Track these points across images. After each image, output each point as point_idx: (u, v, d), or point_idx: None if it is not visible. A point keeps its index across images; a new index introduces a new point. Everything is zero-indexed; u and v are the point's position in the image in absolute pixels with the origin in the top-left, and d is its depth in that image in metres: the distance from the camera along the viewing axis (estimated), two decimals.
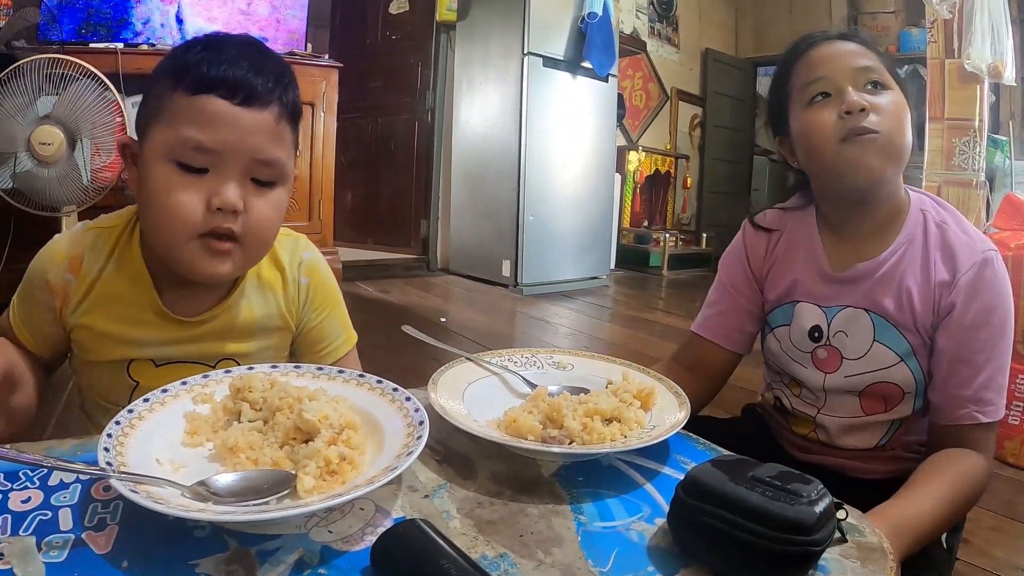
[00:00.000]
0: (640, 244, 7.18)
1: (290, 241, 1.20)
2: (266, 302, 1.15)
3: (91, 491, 0.71)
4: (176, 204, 0.95)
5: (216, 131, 0.94)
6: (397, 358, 2.78)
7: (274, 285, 1.16)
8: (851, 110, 1.10)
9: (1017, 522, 1.96)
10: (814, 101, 1.16)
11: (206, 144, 0.94)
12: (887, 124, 1.10)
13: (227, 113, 0.94)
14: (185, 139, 0.93)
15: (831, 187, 1.21)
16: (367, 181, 6.46)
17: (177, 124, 0.94)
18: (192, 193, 0.95)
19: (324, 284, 1.23)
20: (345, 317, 1.28)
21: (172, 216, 0.95)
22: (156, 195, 0.96)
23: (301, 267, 1.19)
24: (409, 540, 0.59)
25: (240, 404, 0.83)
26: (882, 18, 7.13)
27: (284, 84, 1.01)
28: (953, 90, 3.98)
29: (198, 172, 0.95)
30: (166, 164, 0.95)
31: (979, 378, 1.10)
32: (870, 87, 1.12)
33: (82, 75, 2.99)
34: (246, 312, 1.13)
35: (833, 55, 1.15)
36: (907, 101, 1.14)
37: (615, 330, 4.42)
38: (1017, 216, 2.69)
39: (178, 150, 0.94)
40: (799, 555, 0.61)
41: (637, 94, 7.61)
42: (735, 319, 1.35)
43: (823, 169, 1.18)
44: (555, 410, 0.87)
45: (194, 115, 0.94)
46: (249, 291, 1.14)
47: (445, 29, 5.88)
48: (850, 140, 1.11)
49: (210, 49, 0.98)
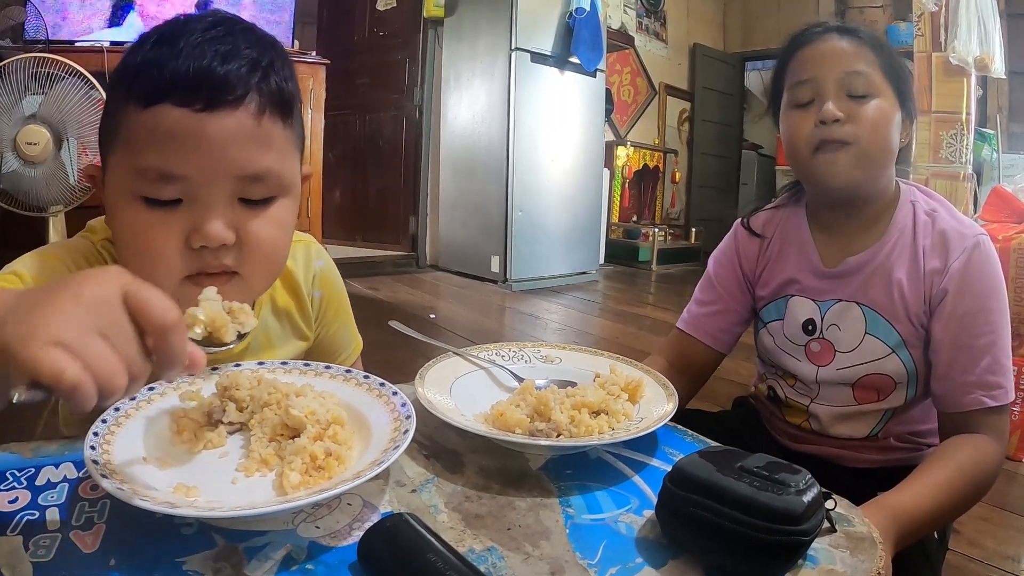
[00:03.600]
0: (629, 239, 7.19)
1: (301, 250, 1.08)
2: (283, 329, 1.08)
3: (78, 490, 0.70)
4: (149, 249, 0.80)
5: (179, 152, 0.77)
6: (386, 354, 2.77)
7: (290, 308, 1.08)
8: (825, 120, 1.11)
9: (1007, 512, 1.98)
10: (799, 103, 1.17)
11: (170, 171, 0.77)
12: (864, 134, 1.11)
13: (189, 126, 0.76)
14: (144, 169, 0.77)
15: (811, 189, 1.24)
16: (355, 178, 6.45)
17: (133, 150, 0.78)
18: (166, 232, 0.79)
19: (336, 295, 1.14)
20: (353, 326, 1.21)
21: (147, 263, 0.80)
22: (125, 238, 0.82)
23: (315, 281, 1.10)
24: (396, 534, 0.59)
25: (226, 403, 0.83)
26: (870, 12, 7.14)
27: (262, 68, 0.81)
28: (940, 83, 4.00)
29: (170, 204, 0.79)
30: (130, 201, 0.79)
31: (982, 362, 1.10)
32: (856, 93, 1.12)
33: (68, 74, 2.98)
34: (271, 329, 1.05)
35: (824, 55, 1.15)
36: (906, 106, 1.15)
37: (604, 325, 4.43)
38: (1005, 208, 2.71)
39: (139, 183, 0.78)
40: (787, 545, 0.61)
41: (625, 89, 7.61)
42: (723, 320, 1.36)
43: (799, 173, 1.23)
44: (542, 403, 0.87)
45: (149, 135, 0.77)
46: (265, 321, 1.04)
47: (432, 25, 5.87)
48: (823, 150, 1.13)
49: (162, 43, 0.79)
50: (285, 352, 1.08)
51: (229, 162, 0.79)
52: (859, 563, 0.65)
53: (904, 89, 1.14)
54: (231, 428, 0.81)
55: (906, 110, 1.15)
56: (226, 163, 0.79)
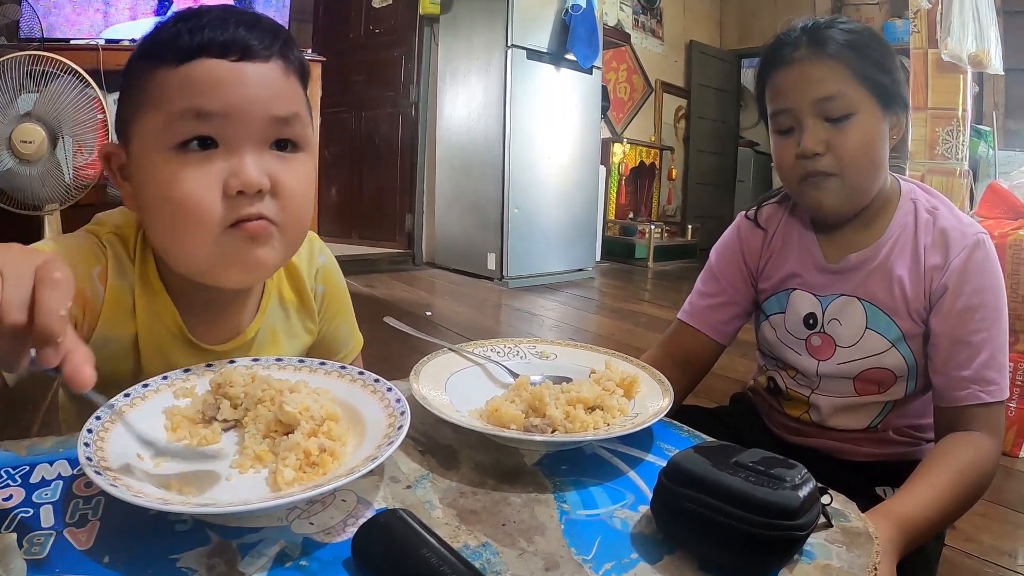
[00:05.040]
0: (625, 236, 7.19)
1: (304, 244, 1.05)
2: (289, 323, 1.08)
3: (72, 488, 0.70)
4: (186, 197, 0.79)
5: (217, 92, 0.79)
6: (382, 351, 2.77)
7: (295, 302, 1.09)
8: (805, 154, 1.12)
9: (1004, 508, 1.98)
10: (780, 130, 1.18)
11: (207, 108, 0.78)
12: (845, 164, 1.12)
13: (226, 70, 0.79)
14: (181, 111, 0.78)
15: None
16: (351, 176, 6.44)
17: (166, 102, 0.79)
18: (202, 178, 0.79)
19: (337, 290, 1.15)
20: (354, 321, 1.21)
21: (188, 214, 0.79)
22: (160, 196, 0.81)
23: (318, 275, 1.11)
24: (389, 530, 0.59)
25: (220, 400, 0.82)
26: (866, 9, 7.13)
27: (284, 39, 0.86)
28: (936, 80, 4.00)
29: (204, 149, 0.80)
30: (163, 153, 0.79)
31: (979, 358, 1.10)
32: (832, 116, 1.11)
33: (63, 72, 2.97)
34: (279, 323, 1.06)
35: (796, 84, 1.14)
36: (897, 102, 1.14)
37: (601, 322, 4.43)
38: (1001, 204, 2.71)
39: (174, 128, 0.79)
40: (783, 540, 0.61)
41: (621, 86, 7.61)
42: (725, 312, 1.36)
43: (792, 196, 1.26)
44: (537, 399, 0.87)
45: (185, 85, 0.78)
46: (272, 312, 1.04)
47: (428, 22, 5.86)
48: (808, 181, 1.15)
49: (187, 19, 0.81)
50: (291, 347, 1.08)
51: (263, 102, 0.81)
52: (855, 558, 0.65)
53: (888, 87, 1.13)
54: (225, 425, 0.81)
55: (895, 106, 1.14)
56: (260, 103, 0.81)
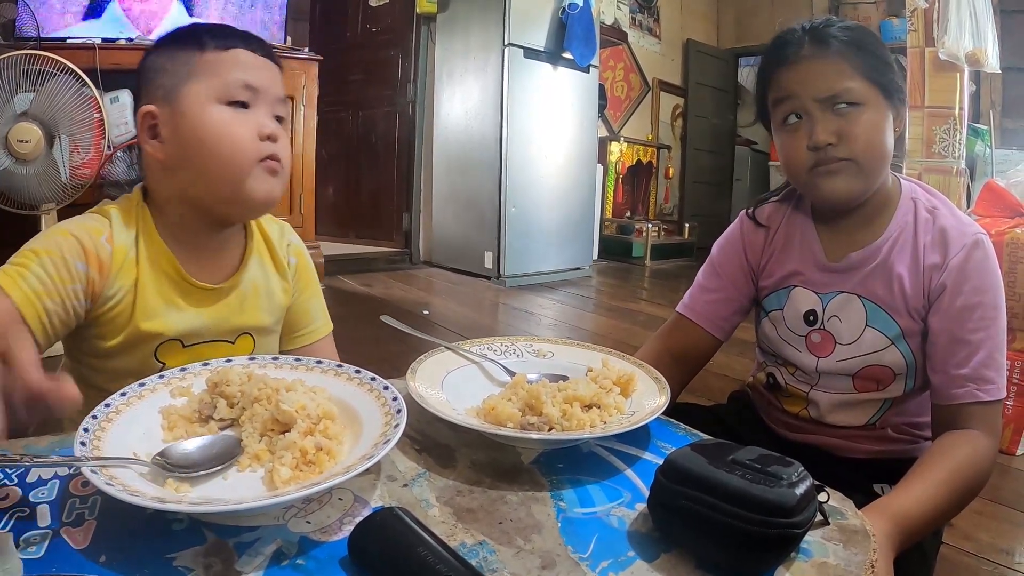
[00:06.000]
0: (623, 234, 7.19)
1: (276, 226, 1.29)
2: (269, 277, 1.23)
3: (69, 487, 0.70)
4: (238, 136, 1.06)
5: (255, 73, 1.09)
6: (379, 350, 2.78)
7: (272, 263, 1.24)
8: (817, 146, 1.12)
9: (1001, 506, 1.98)
10: (787, 122, 1.17)
11: (251, 82, 1.08)
12: (857, 150, 1.12)
13: (257, 60, 1.10)
14: (234, 80, 1.07)
15: (811, 201, 1.27)
16: (348, 175, 6.43)
17: (219, 72, 1.06)
18: (244, 127, 1.07)
19: (308, 266, 1.32)
20: (323, 303, 1.36)
21: (236, 146, 1.06)
22: (214, 134, 1.05)
23: (290, 248, 1.28)
24: (386, 529, 0.59)
25: (216, 399, 0.83)
26: (863, 8, 7.14)
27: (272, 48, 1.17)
28: (933, 78, 4.01)
29: (243, 107, 1.08)
30: (217, 106, 1.06)
31: (977, 357, 1.10)
32: (842, 110, 1.11)
33: (60, 71, 2.96)
34: (259, 279, 1.20)
35: (802, 79, 1.14)
36: (896, 96, 1.15)
37: (598, 320, 4.43)
38: (997, 203, 2.71)
39: (228, 90, 1.06)
40: (780, 538, 0.61)
41: (618, 85, 7.60)
42: (725, 307, 1.36)
43: (799, 189, 1.25)
44: (534, 397, 0.87)
45: (233, 63, 1.08)
46: (254, 265, 1.21)
47: (425, 21, 5.85)
48: (819, 171, 1.14)
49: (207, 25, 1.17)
50: (270, 301, 1.22)
51: (277, 86, 1.12)
52: (852, 556, 0.66)
53: (889, 81, 1.14)
54: (222, 424, 0.81)
55: (895, 101, 1.15)
56: (276, 86, 1.12)
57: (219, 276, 1.15)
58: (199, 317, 1.11)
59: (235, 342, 1.17)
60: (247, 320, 1.17)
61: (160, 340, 1.08)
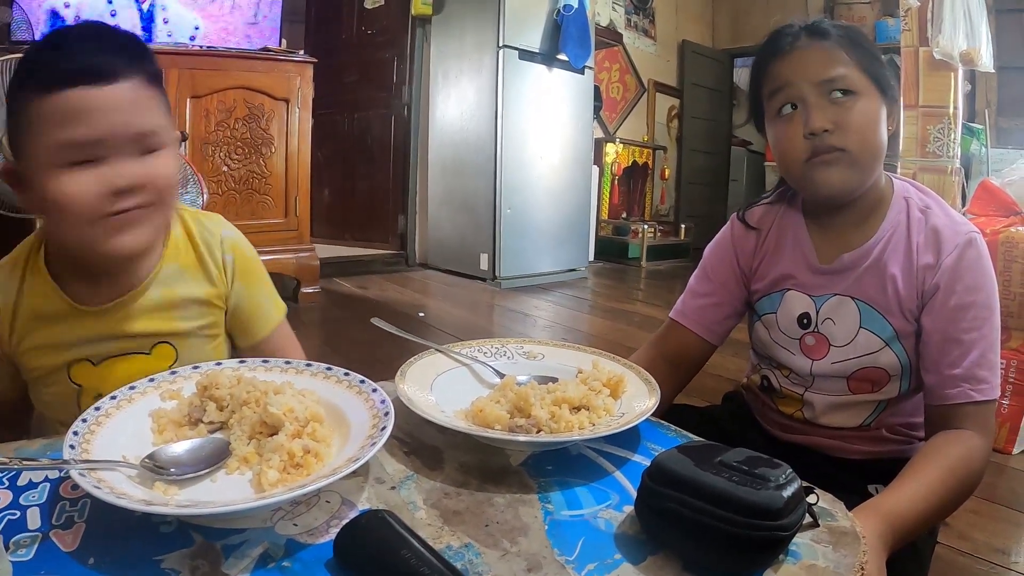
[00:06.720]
0: (619, 235, 7.18)
1: (206, 221, 1.20)
2: (187, 284, 1.15)
3: (59, 490, 0.71)
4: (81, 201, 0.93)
5: (97, 121, 0.92)
6: (374, 353, 2.77)
7: (195, 268, 1.16)
8: (815, 132, 1.11)
9: (996, 505, 1.98)
10: (782, 112, 1.17)
11: (92, 136, 0.92)
12: (853, 140, 1.11)
13: (89, 100, 0.92)
14: (61, 143, 0.91)
15: (806, 195, 1.26)
16: (344, 177, 6.43)
17: (52, 131, 0.92)
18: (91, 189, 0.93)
19: (247, 258, 1.23)
20: (272, 289, 1.28)
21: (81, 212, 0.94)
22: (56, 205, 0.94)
23: (223, 244, 1.19)
24: (371, 531, 0.59)
25: (206, 402, 0.83)
26: (858, 8, 7.15)
27: (136, 53, 0.99)
28: (927, 77, 4.01)
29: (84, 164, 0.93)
30: (53, 171, 0.93)
31: (970, 356, 1.10)
32: (838, 98, 1.12)
33: None
34: (165, 293, 1.12)
35: (799, 66, 1.14)
36: (888, 93, 1.15)
37: (594, 322, 4.43)
38: (992, 202, 2.71)
39: (65, 154, 0.92)
40: (767, 540, 0.61)
41: (614, 86, 7.61)
42: (718, 312, 1.36)
43: (793, 182, 1.23)
44: (523, 399, 0.87)
45: (57, 115, 0.91)
46: (166, 276, 1.12)
47: (420, 23, 5.85)
48: (815, 160, 1.13)
49: (48, 46, 0.98)
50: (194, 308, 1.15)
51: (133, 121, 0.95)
52: (842, 558, 0.65)
53: (883, 78, 1.14)
54: (211, 427, 0.82)
55: (889, 97, 1.15)
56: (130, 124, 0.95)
57: (111, 293, 1.09)
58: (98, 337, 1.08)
59: (151, 352, 1.12)
60: (158, 329, 1.12)
61: (67, 363, 1.08)
